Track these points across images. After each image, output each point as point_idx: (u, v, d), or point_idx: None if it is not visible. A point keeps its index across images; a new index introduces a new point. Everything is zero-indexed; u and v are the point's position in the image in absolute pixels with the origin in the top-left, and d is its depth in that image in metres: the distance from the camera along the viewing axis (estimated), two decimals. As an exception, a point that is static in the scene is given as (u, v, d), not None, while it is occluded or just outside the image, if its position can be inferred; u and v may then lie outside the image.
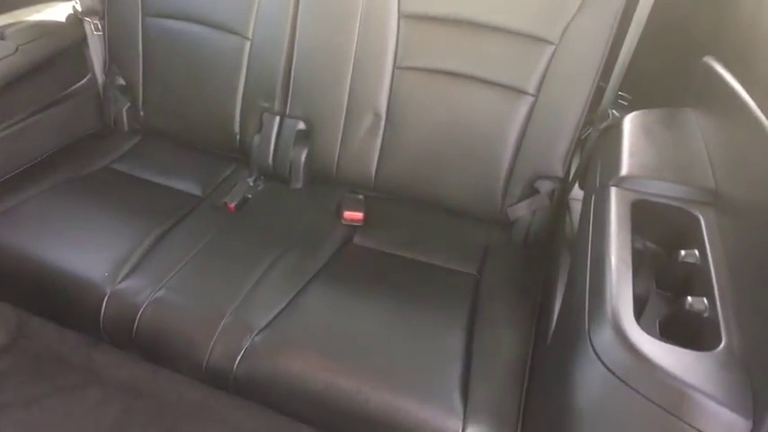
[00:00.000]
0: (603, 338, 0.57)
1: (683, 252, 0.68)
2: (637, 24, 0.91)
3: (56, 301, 1.02)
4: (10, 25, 1.25)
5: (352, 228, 1.16)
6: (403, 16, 1.11)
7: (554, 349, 0.77)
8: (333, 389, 0.83)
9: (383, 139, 1.18)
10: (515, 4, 1.04)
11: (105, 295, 0.97)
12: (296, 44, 1.19)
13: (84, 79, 1.42)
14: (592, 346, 0.58)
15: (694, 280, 0.67)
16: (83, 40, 1.38)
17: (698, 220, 0.71)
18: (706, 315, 0.60)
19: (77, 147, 1.37)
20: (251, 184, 1.26)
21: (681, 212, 0.73)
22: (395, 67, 1.14)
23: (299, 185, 1.27)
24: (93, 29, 1.37)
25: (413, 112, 1.15)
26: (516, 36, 1.05)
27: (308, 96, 1.22)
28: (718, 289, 0.61)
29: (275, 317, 0.93)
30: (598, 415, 0.58)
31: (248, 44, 1.23)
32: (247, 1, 1.20)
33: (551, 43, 1.03)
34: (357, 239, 1.14)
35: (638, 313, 0.65)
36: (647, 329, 0.65)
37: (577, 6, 0.99)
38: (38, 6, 1.41)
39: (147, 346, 0.96)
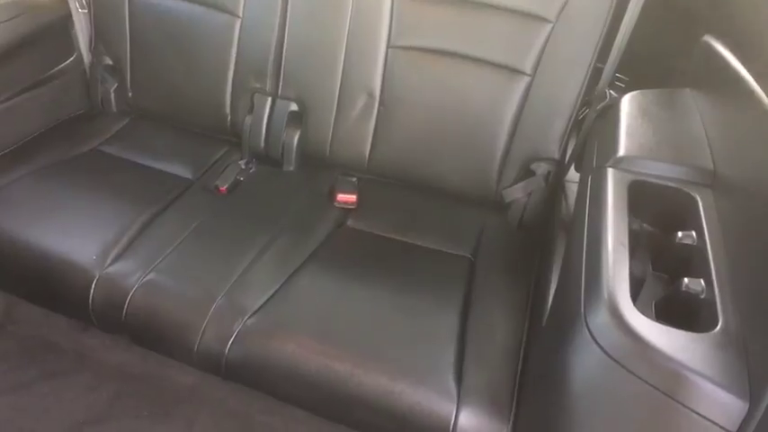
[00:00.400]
0: (599, 320, 0.57)
1: (680, 233, 0.67)
2: (635, 3, 0.89)
3: (44, 285, 1.00)
4: (-10, 1, 1.21)
5: (346, 210, 1.15)
6: None
7: (549, 331, 0.76)
8: (326, 372, 0.82)
9: (377, 121, 1.16)
10: None
11: (94, 279, 0.95)
12: (287, 22, 1.16)
13: (70, 59, 1.37)
14: (587, 327, 0.58)
15: (691, 261, 0.66)
16: (67, 18, 1.33)
17: (696, 202, 0.71)
18: (703, 296, 0.59)
19: (64, 128, 1.34)
20: (242, 166, 1.23)
21: (678, 194, 0.73)
22: (388, 46, 1.11)
23: (291, 168, 1.25)
24: (77, 6, 1.32)
25: (407, 93, 1.12)
26: (513, 14, 1.02)
27: (300, 77, 1.19)
28: (716, 270, 0.61)
29: (267, 300, 0.92)
30: (593, 397, 0.58)
31: (238, 22, 1.20)
32: None
33: (549, 21, 1.01)
34: (350, 222, 1.13)
35: (634, 295, 0.65)
36: (643, 311, 0.64)
37: None
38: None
39: (138, 330, 0.94)
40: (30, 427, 0.98)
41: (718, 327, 0.54)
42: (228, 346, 0.87)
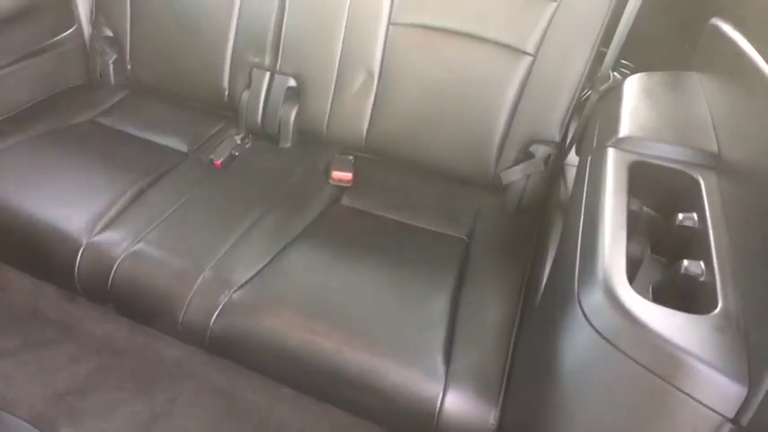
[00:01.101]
0: (593, 300, 0.55)
1: (680, 215, 0.65)
2: None
3: (31, 252, 0.99)
4: (-10, -30, 1.20)
5: (341, 188, 1.13)
6: None
7: (541, 313, 0.74)
8: (311, 347, 0.81)
9: (375, 98, 1.14)
10: None
11: (81, 247, 0.94)
12: None
13: (70, 30, 1.36)
14: (581, 307, 0.56)
15: (691, 244, 0.64)
16: (68, -12, 1.32)
17: (698, 184, 0.68)
18: (702, 279, 0.57)
19: (62, 98, 1.33)
20: (238, 141, 1.22)
21: (681, 175, 0.71)
22: (389, 23, 1.09)
23: (287, 144, 1.23)
24: (79, -24, 1.31)
25: (407, 71, 1.10)
26: None
27: (299, 52, 1.17)
28: (717, 253, 0.58)
29: (255, 274, 0.90)
30: (585, 379, 0.56)
31: None
32: None
33: (553, 1, 0.98)
34: (345, 200, 1.11)
35: (632, 277, 0.62)
36: (640, 293, 0.62)
37: None
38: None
39: (123, 300, 0.93)
40: (11, 396, 0.96)
41: (718, 309, 0.52)
42: (213, 318, 0.85)
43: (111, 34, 1.34)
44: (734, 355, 0.47)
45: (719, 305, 0.52)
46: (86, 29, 1.38)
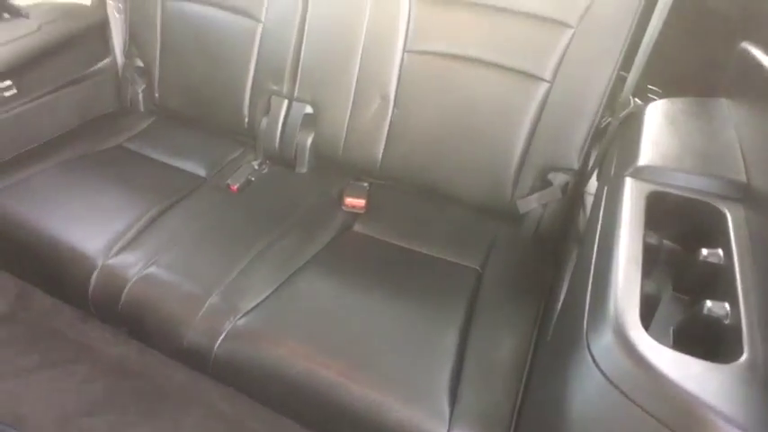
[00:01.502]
0: (603, 342, 0.51)
1: (704, 251, 0.60)
2: (660, 10, 0.83)
3: (51, 272, 1.02)
4: (36, 5, 1.29)
5: (354, 215, 1.12)
6: None
7: (551, 352, 0.69)
8: (311, 377, 0.78)
9: (390, 124, 1.13)
10: None
11: (96, 268, 0.96)
12: (306, 27, 1.17)
13: (105, 60, 1.44)
14: (589, 350, 0.52)
15: (716, 282, 0.59)
16: (105, 22, 1.40)
17: (724, 217, 0.64)
18: (727, 322, 0.52)
19: (94, 125, 1.39)
20: (256, 167, 1.24)
21: (705, 207, 0.66)
22: (405, 50, 1.09)
23: (303, 170, 1.25)
24: (115, 11, 1.39)
25: (422, 97, 1.10)
26: (531, 19, 0.98)
27: (316, 80, 1.19)
28: (743, 293, 0.54)
29: (262, 301, 0.90)
30: (593, 428, 0.51)
31: (260, 27, 1.22)
32: None
33: (569, 27, 0.96)
34: (357, 227, 1.09)
35: (649, 317, 0.58)
36: (659, 336, 0.57)
37: None
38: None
39: (132, 320, 0.94)
40: (22, 414, 0.98)
41: (743, 357, 0.47)
42: (217, 343, 0.85)
43: (141, 64, 1.40)
44: (759, 410, 0.42)
45: (745, 353, 0.48)
46: (119, 59, 1.45)
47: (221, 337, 0.85)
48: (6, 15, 1.21)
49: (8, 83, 1.19)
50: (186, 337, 0.86)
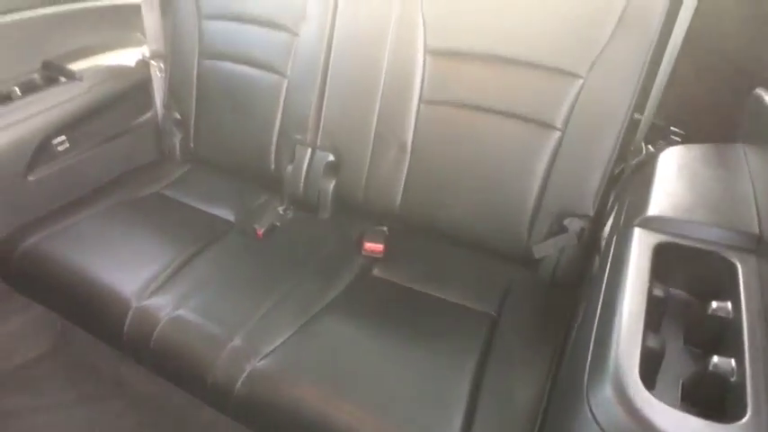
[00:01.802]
0: (602, 398, 0.51)
1: (714, 304, 0.60)
2: (670, 55, 0.85)
3: (91, 311, 1.09)
4: (88, 69, 1.43)
5: (373, 259, 1.15)
6: (428, 52, 1.12)
7: (556, 403, 0.69)
8: (324, 421, 0.80)
9: (408, 171, 1.18)
10: (541, 38, 1.01)
11: (131, 309, 1.02)
12: (328, 81, 1.25)
13: (148, 114, 1.56)
14: (589, 405, 0.52)
15: (725, 337, 0.58)
16: (148, 80, 1.53)
17: (735, 269, 0.63)
18: (733, 379, 0.51)
19: (135, 173, 1.50)
20: (281, 212, 1.30)
21: (715, 258, 0.65)
22: (420, 101, 1.14)
23: (326, 215, 1.30)
24: (157, 70, 1.53)
25: (437, 146, 1.14)
26: (542, 70, 1.02)
27: (337, 130, 1.26)
28: (750, 350, 0.53)
29: (280, 344, 0.93)
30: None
31: (285, 82, 1.31)
32: (287, 43, 1.29)
33: (579, 77, 0.99)
34: (376, 271, 1.13)
35: (655, 371, 0.57)
36: (668, 390, 0.57)
37: (606, 39, 0.95)
38: (116, 52, 1.60)
39: (160, 361, 0.99)
40: (57, 448, 1.03)
41: (746, 418, 0.47)
42: (238, 385, 0.88)
43: (179, 117, 1.51)
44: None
45: (748, 413, 0.47)
46: (160, 112, 1.57)
47: (241, 380, 0.88)
48: (63, 79, 1.35)
49: (62, 138, 1.32)
50: (209, 378, 0.90)
